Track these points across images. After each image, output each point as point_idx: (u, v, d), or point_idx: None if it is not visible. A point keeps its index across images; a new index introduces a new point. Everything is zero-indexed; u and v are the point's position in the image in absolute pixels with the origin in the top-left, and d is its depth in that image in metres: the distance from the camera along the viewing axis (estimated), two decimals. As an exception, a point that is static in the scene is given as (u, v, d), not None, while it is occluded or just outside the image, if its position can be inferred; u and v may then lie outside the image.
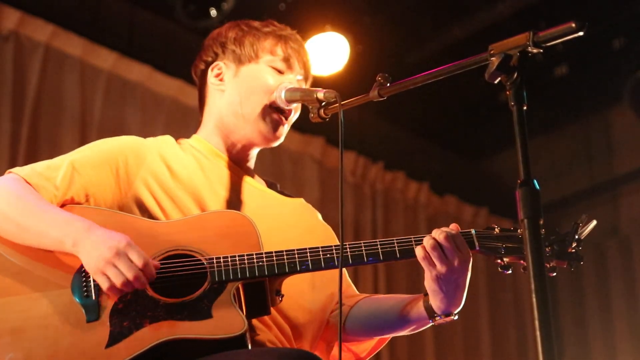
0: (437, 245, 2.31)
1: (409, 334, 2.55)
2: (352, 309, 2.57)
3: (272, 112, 2.57)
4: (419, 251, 2.32)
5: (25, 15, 4.98)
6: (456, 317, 2.40)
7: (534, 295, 1.65)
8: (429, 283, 2.35)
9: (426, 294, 2.40)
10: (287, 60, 2.62)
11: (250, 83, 2.60)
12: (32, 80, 4.96)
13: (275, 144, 2.64)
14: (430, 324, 2.45)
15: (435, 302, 2.37)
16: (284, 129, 2.62)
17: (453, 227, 2.36)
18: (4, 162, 4.67)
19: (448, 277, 2.31)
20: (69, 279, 2.23)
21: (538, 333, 1.63)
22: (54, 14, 5.11)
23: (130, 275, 2.15)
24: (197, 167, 2.55)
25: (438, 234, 2.32)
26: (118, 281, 2.15)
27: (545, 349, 1.61)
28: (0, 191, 2.31)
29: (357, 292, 2.67)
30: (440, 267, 2.30)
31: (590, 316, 6.98)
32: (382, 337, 2.60)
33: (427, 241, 2.32)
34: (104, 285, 2.17)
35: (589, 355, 6.89)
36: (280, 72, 2.61)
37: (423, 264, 2.32)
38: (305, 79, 2.68)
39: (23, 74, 4.96)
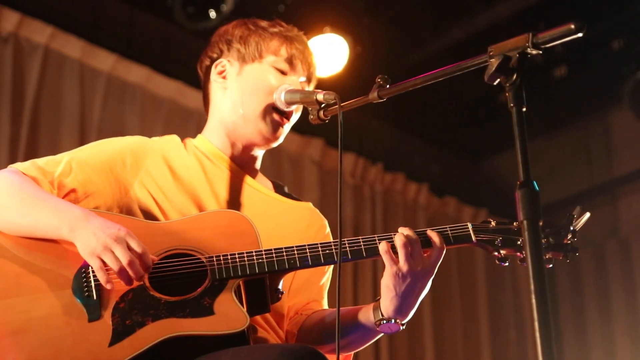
0: (408, 244, 2.30)
1: (360, 346, 2.49)
2: (306, 319, 2.53)
3: (273, 113, 2.57)
4: (382, 245, 2.31)
5: (24, 17, 4.99)
6: (402, 328, 2.36)
7: (533, 296, 1.65)
8: (385, 280, 2.32)
9: (378, 299, 2.38)
10: (290, 61, 2.61)
11: (252, 82, 2.59)
12: (31, 82, 4.96)
13: (275, 144, 2.63)
14: (380, 335, 2.43)
15: (385, 302, 2.34)
16: (284, 130, 2.61)
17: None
18: (3, 163, 4.67)
19: (405, 278, 2.29)
20: (70, 279, 2.23)
21: (537, 334, 1.63)
22: (53, 16, 5.11)
23: (125, 260, 2.14)
24: (199, 168, 2.55)
25: (411, 233, 2.32)
26: (114, 266, 2.14)
27: (545, 350, 1.62)
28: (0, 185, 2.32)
29: (325, 306, 2.62)
30: (402, 264, 2.29)
31: (590, 316, 6.97)
32: (345, 354, 2.53)
33: (398, 237, 2.31)
34: (97, 267, 2.16)
35: (588, 356, 6.89)
36: (283, 73, 2.60)
37: (385, 257, 2.30)
38: (309, 81, 2.66)
39: (22, 76, 4.96)
